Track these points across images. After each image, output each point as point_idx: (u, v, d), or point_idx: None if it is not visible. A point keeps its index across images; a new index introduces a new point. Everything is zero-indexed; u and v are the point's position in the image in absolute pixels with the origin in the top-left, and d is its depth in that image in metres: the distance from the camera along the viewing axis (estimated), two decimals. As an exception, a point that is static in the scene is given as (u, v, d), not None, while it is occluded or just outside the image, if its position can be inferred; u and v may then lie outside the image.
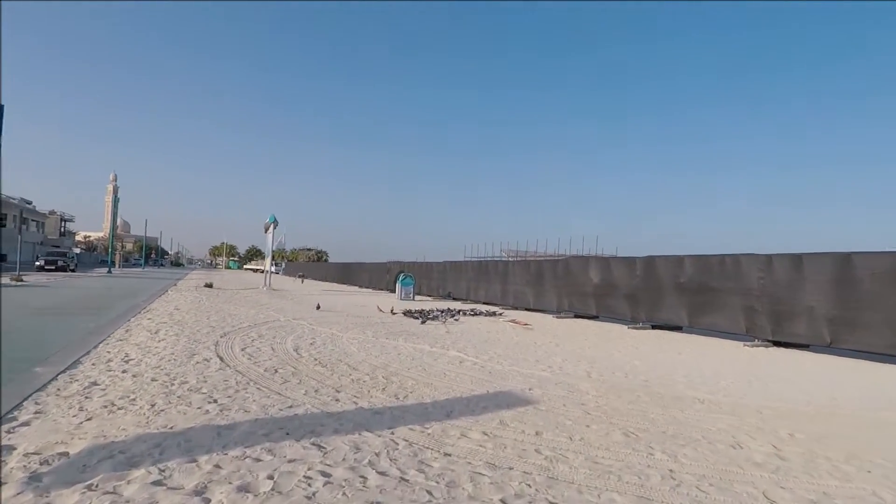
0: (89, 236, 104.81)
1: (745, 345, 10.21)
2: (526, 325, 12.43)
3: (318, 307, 13.57)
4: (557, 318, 15.20)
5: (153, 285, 22.76)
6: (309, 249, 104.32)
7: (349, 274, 36.62)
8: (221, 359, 6.20)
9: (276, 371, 5.63)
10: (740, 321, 10.69)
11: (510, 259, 21.10)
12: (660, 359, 8.10)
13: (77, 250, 70.14)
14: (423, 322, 11.78)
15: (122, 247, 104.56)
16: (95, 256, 63.50)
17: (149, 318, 10.01)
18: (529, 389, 5.31)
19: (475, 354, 7.56)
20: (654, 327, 13.01)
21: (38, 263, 33.92)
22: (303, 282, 37.37)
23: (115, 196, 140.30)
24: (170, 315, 10.75)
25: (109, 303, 13.26)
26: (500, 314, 15.10)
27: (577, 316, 15.41)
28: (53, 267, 32.99)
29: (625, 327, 12.95)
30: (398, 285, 21.10)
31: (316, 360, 6.44)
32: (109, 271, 35.35)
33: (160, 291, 17.93)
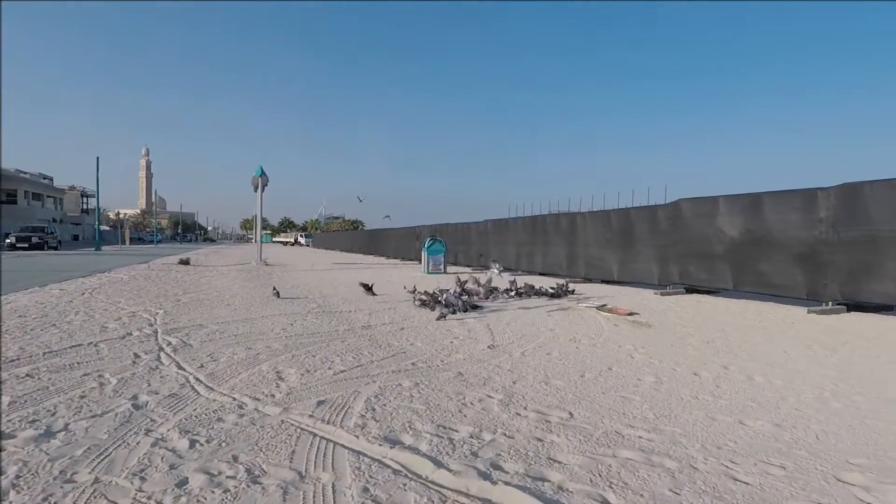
0: (120, 213, 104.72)
1: None
2: (631, 314, 7.00)
3: (277, 294, 8.46)
4: (662, 294, 9.73)
5: (105, 263, 17.31)
6: (336, 218, 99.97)
7: (375, 243, 31.55)
8: None
9: None
10: None
11: (579, 212, 15.43)
12: None
13: (105, 228, 68.24)
14: (440, 318, 6.51)
15: (158, 223, 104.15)
16: (119, 234, 60.74)
17: None
18: None
19: None
20: (849, 309, 7.57)
21: (8, 241, 29.00)
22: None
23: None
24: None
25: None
26: (571, 291, 9.68)
27: (689, 290, 9.93)
28: (27, 245, 28.12)
29: (799, 311, 7.53)
30: (424, 254, 15.96)
31: None
32: (97, 248, 30.82)
33: (85, 274, 12.66)
